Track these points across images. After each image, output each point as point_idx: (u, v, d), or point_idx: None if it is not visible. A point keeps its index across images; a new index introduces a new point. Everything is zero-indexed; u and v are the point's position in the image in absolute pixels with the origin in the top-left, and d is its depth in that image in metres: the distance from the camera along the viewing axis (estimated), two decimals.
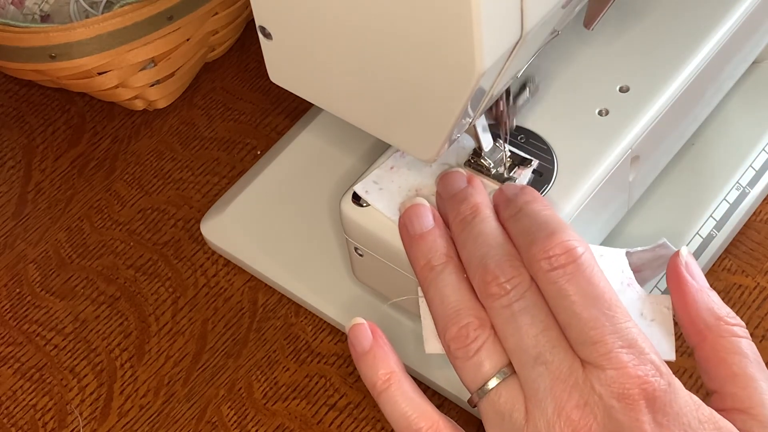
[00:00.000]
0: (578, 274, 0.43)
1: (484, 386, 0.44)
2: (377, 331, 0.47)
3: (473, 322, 0.44)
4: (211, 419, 0.58)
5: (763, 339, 0.57)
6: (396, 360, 0.46)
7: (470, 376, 0.44)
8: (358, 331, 0.47)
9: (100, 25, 0.63)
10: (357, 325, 0.47)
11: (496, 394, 0.43)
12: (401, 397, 0.45)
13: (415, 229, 0.48)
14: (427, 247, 0.47)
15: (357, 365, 0.47)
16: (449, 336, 0.45)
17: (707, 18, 0.55)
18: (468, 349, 0.44)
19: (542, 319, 0.43)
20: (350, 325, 0.47)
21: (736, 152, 0.61)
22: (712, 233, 0.58)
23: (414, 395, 0.45)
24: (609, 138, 0.51)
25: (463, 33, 0.39)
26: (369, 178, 0.51)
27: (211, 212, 0.64)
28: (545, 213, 0.45)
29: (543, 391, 0.42)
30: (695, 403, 0.42)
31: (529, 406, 0.42)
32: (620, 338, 0.42)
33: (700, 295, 0.45)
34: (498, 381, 0.43)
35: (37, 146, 0.71)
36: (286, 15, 0.44)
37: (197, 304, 0.62)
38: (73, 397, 0.59)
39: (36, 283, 0.64)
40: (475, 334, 0.44)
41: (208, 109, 0.71)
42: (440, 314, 0.45)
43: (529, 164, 0.51)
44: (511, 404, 0.43)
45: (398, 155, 0.52)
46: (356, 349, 0.47)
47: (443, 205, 0.48)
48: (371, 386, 0.46)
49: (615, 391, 0.41)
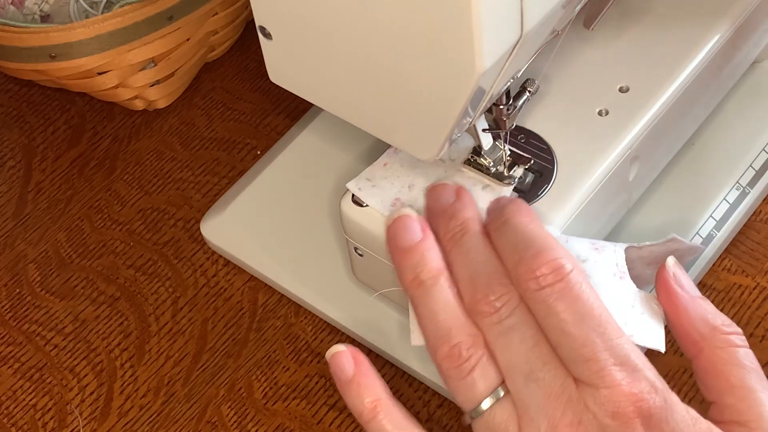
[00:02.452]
0: (567, 292, 0.42)
1: (478, 407, 0.43)
2: (359, 357, 0.46)
3: (465, 341, 0.43)
4: (211, 419, 0.58)
5: (763, 339, 0.57)
6: (382, 386, 0.45)
7: (463, 396, 0.44)
8: (339, 359, 0.46)
9: (100, 25, 0.63)
10: (338, 353, 0.46)
11: (490, 414, 0.43)
12: (390, 425, 0.44)
13: (403, 241, 0.46)
14: (416, 261, 0.46)
15: (342, 394, 0.46)
16: (441, 355, 0.44)
17: (707, 18, 0.55)
18: (461, 369, 0.43)
19: (532, 335, 0.43)
20: (331, 354, 0.46)
21: (736, 152, 0.61)
22: (712, 233, 0.58)
23: (403, 422, 0.45)
24: (609, 138, 0.51)
25: (463, 33, 0.39)
26: (362, 175, 0.51)
27: (211, 212, 0.64)
28: (530, 227, 0.45)
29: (536, 409, 0.42)
30: (692, 418, 0.41)
31: (522, 424, 0.42)
32: (612, 355, 0.41)
33: (693, 304, 0.44)
34: (492, 401, 0.43)
35: (37, 146, 0.71)
36: (286, 15, 0.44)
37: (197, 304, 0.62)
38: (73, 397, 0.59)
39: (36, 283, 0.64)
40: (468, 354, 0.43)
41: (208, 109, 0.71)
42: (431, 332, 0.45)
43: (528, 162, 0.51)
44: (505, 424, 0.42)
45: (391, 151, 0.52)
46: (339, 377, 0.45)
47: (433, 219, 0.48)
48: (358, 415, 0.45)
49: (609, 410, 0.40)
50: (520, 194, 0.50)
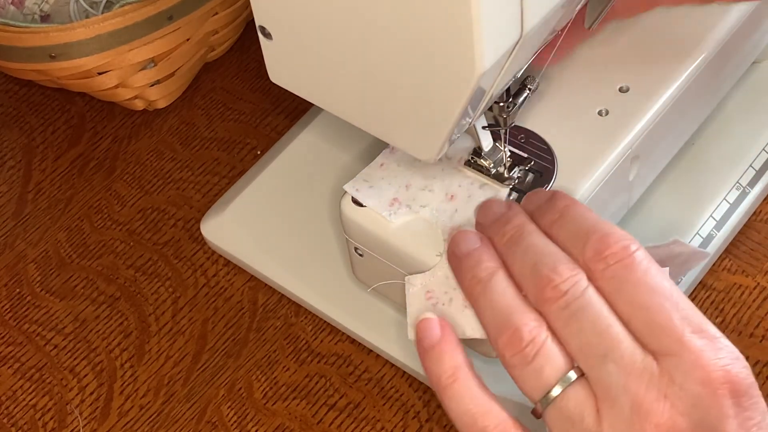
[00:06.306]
0: (636, 266, 0.41)
1: (548, 394, 0.41)
2: (447, 327, 0.45)
3: (526, 324, 0.42)
4: (211, 419, 0.58)
5: (763, 339, 0.57)
6: (464, 356, 0.44)
7: (531, 384, 0.42)
8: (426, 325, 0.45)
9: (100, 25, 0.63)
10: (426, 319, 0.45)
11: (563, 400, 0.41)
12: (467, 393, 0.43)
13: (461, 249, 0.46)
14: (473, 263, 0.45)
15: (422, 360, 0.44)
16: (502, 344, 0.42)
17: (707, 18, 0.55)
18: (524, 355, 0.42)
19: (605, 316, 0.41)
20: (419, 319, 0.45)
21: (736, 152, 0.61)
22: (712, 233, 0.58)
23: (481, 392, 0.43)
24: (609, 138, 0.51)
25: (463, 33, 0.39)
26: (359, 176, 0.51)
27: (211, 212, 0.64)
28: (588, 215, 0.44)
29: (617, 390, 0.40)
30: None
31: (602, 407, 0.40)
32: (689, 324, 0.40)
33: None
34: (563, 386, 0.41)
35: (37, 146, 0.71)
36: (286, 15, 0.44)
37: (197, 304, 0.62)
38: (73, 397, 0.59)
39: (36, 283, 0.64)
40: (530, 336, 0.42)
41: (208, 109, 0.71)
42: (490, 323, 0.43)
43: (528, 164, 0.51)
44: (581, 408, 0.41)
45: (387, 152, 0.52)
46: (423, 343, 0.44)
47: (486, 230, 0.47)
48: (435, 381, 0.44)
49: (698, 377, 0.39)
50: (520, 194, 0.50)
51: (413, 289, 0.48)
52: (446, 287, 0.47)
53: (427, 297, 0.48)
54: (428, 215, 0.50)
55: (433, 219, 0.50)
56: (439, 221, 0.49)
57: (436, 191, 0.50)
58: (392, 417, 0.57)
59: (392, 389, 0.57)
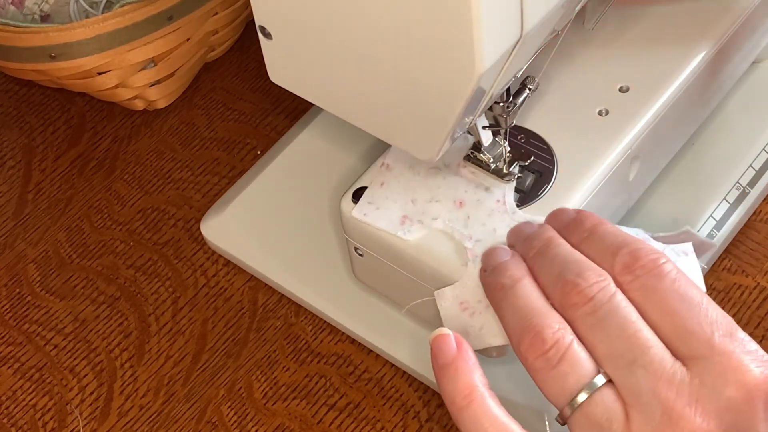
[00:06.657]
0: (665, 275, 0.41)
1: (574, 400, 0.40)
2: (462, 344, 0.43)
3: (550, 326, 0.41)
4: (211, 419, 0.58)
5: (763, 339, 0.57)
6: (480, 375, 0.42)
7: (556, 389, 0.41)
8: (442, 342, 0.43)
9: (100, 25, 0.63)
10: (441, 335, 0.43)
11: (590, 405, 0.40)
12: (484, 415, 0.41)
13: (491, 263, 0.46)
14: (500, 272, 0.45)
15: (437, 378, 0.43)
16: (524, 347, 0.41)
17: (707, 18, 0.55)
18: (548, 358, 0.41)
19: (633, 320, 0.41)
20: (434, 335, 0.43)
21: (736, 152, 0.61)
22: (712, 233, 0.58)
23: (498, 414, 0.41)
24: (609, 138, 0.51)
25: (463, 33, 0.39)
26: (363, 199, 0.51)
27: (211, 212, 0.64)
28: (618, 233, 0.44)
29: (647, 395, 0.39)
30: None
31: (632, 412, 0.39)
32: (719, 328, 0.40)
33: None
34: (589, 392, 0.40)
35: (37, 146, 0.71)
36: (286, 15, 0.44)
37: (197, 304, 0.62)
38: (73, 397, 0.59)
39: (36, 283, 0.64)
40: (553, 339, 0.41)
41: (208, 109, 0.71)
42: (513, 328, 0.43)
43: (528, 159, 0.51)
44: (609, 414, 0.40)
45: (384, 170, 0.51)
46: (438, 360, 0.43)
47: (517, 250, 0.47)
48: (450, 401, 0.42)
49: (730, 381, 0.39)
50: (520, 195, 0.50)
51: (446, 303, 0.48)
52: (479, 296, 0.47)
53: (462, 308, 0.47)
54: (442, 226, 0.50)
55: (448, 229, 0.49)
56: (455, 230, 0.49)
57: (443, 201, 0.50)
58: (392, 417, 0.57)
59: (392, 389, 0.57)
